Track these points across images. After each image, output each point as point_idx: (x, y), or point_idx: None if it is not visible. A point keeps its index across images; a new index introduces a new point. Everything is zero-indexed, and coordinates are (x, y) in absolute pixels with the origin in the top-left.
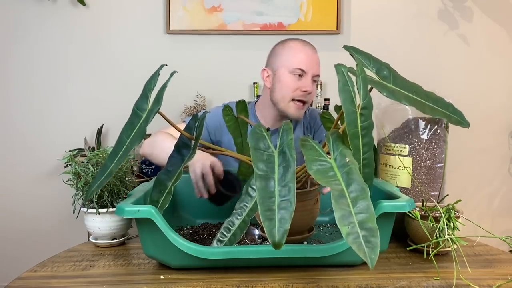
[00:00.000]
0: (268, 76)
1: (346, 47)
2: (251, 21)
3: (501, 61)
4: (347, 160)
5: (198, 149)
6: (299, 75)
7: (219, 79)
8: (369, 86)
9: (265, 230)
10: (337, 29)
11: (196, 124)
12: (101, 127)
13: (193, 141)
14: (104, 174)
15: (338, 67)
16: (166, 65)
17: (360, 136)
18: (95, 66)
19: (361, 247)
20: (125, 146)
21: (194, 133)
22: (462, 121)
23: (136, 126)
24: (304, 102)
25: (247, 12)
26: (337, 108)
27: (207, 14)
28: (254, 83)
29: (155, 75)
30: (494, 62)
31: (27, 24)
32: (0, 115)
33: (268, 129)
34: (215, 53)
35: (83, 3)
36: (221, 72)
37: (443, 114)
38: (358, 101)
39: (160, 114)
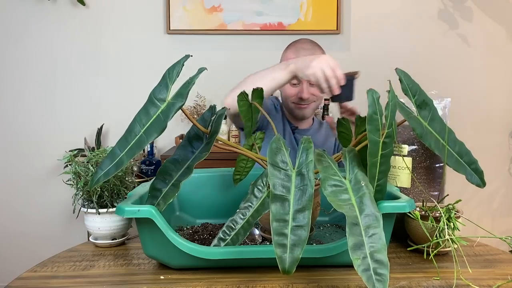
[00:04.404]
0: None
1: (399, 71)
2: (251, 21)
3: (501, 61)
4: (363, 184)
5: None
6: (294, 83)
7: (219, 79)
8: (402, 118)
9: (275, 254)
10: (337, 29)
11: (212, 118)
12: (101, 127)
13: (207, 136)
14: (114, 162)
15: (369, 92)
16: (191, 55)
17: (378, 164)
18: (95, 66)
19: (370, 280)
20: (138, 136)
21: (209, 127)
22: (480, 182)
23: (153, 116)
24: (305, 104)
25: (247, 12)
26: (358, 119)
27: (207, 14)
28: None
29: (179, 65)
30: (494, 62)
31: (27, 24)
32: (0, 115)
33: (296, 128)
34: (215, 53)
35: (83, 3)
36: (221, 72)
37: (464, 170)
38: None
39: (182, 110)
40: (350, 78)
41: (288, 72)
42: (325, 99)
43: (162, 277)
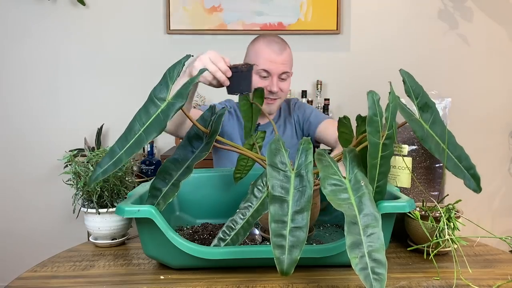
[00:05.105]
0: None
1: (403, 72)
2: (251, 21)
3: (501, 61)
4: (362, 184)
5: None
6: (264, 76)
7: None
8: (403, 120)
9: (274, 255)
10: (337, 29)
11: (212, 118)
12: (101, 127)
13: (207, 135)
14: (112, 160)
15: (369, 94)
16: (192, 55)
17: (378, 166)
18: (95, 66)
19: (368, 278)
20: (138, 135)
21: (209, 127)
22: (476, 188)
23: (152, 115)
24: (273, 99)
25: (247, 12)
26: (359, 119)
27: (207, 14)
28: None
29: (180, 64)
30: (494, 62)
31: (27, 24)
32: (0, 115)
33: (259, 124)
34: None
35: (83, 3)
36: None
37: (463, 174)
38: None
39: (182, 110)
40: (243, 69)
41: (187, 76)
42: (325, 99)
43: (162, 277)
